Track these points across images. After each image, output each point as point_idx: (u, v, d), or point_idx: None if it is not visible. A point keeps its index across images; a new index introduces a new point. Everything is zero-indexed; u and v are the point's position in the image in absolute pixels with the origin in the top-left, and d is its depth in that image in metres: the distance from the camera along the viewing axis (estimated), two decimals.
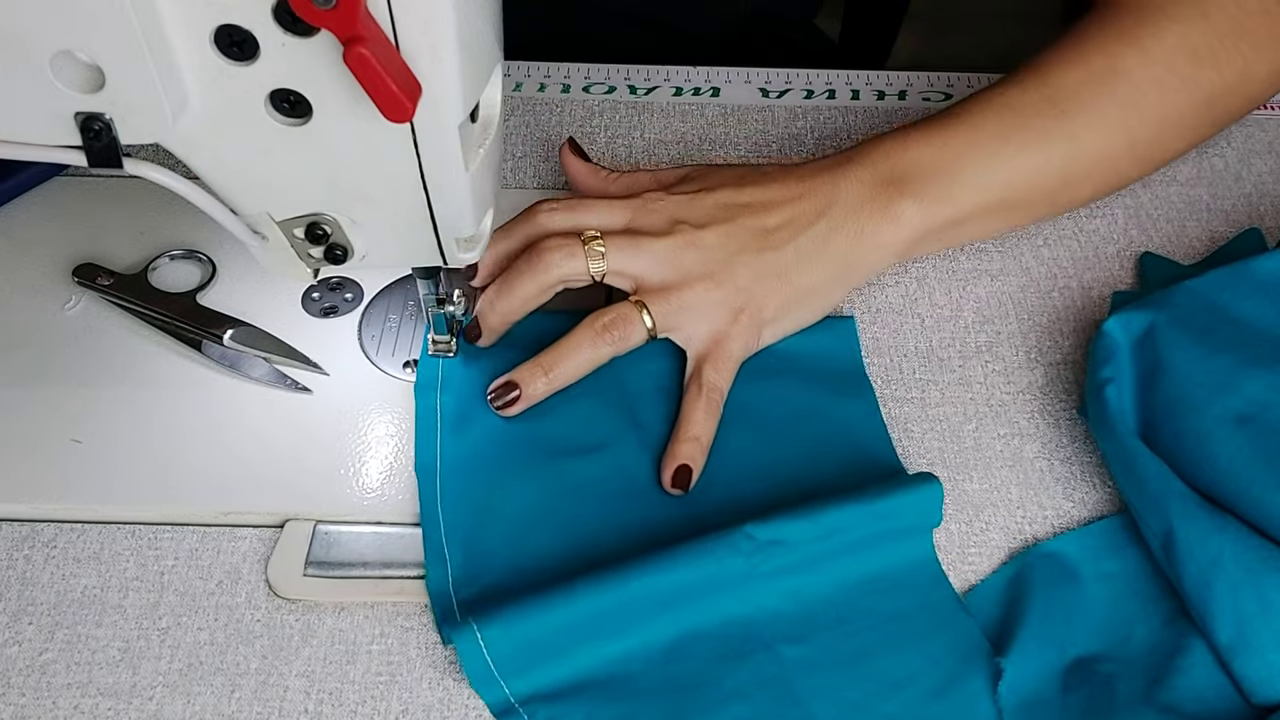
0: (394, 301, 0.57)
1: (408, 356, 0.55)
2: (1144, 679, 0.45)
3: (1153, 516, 0.47)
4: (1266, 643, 0.43)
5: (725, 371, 0.52)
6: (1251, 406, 0.47)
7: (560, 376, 0.51)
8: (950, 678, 0.45)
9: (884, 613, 0.46)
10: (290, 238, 0.44)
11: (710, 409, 0.51)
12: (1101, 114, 0.55)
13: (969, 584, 0.48)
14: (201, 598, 0.47)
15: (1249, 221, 0.64)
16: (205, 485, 0.50)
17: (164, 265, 0.59)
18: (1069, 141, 0.55)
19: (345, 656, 0.46)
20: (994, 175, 0.54)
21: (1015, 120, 0.55)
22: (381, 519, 0.49)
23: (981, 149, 0.54)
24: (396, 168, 0.41)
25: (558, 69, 0.72)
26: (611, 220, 0.54)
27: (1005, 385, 0.56)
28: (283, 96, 0.38)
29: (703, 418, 0.51)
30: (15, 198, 0.62)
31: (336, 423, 0.52)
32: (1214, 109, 0.58)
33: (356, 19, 0.34)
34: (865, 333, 0.58)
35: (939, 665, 0.45)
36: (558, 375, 0.51)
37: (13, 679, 0.45)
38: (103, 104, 0.36)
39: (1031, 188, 0.56)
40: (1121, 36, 0.56)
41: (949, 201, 0.54)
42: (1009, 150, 0.54)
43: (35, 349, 0.55)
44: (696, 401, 0.51)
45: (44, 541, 0.49)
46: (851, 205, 0.53)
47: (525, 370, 0.51)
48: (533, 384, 0.51)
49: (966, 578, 0.48)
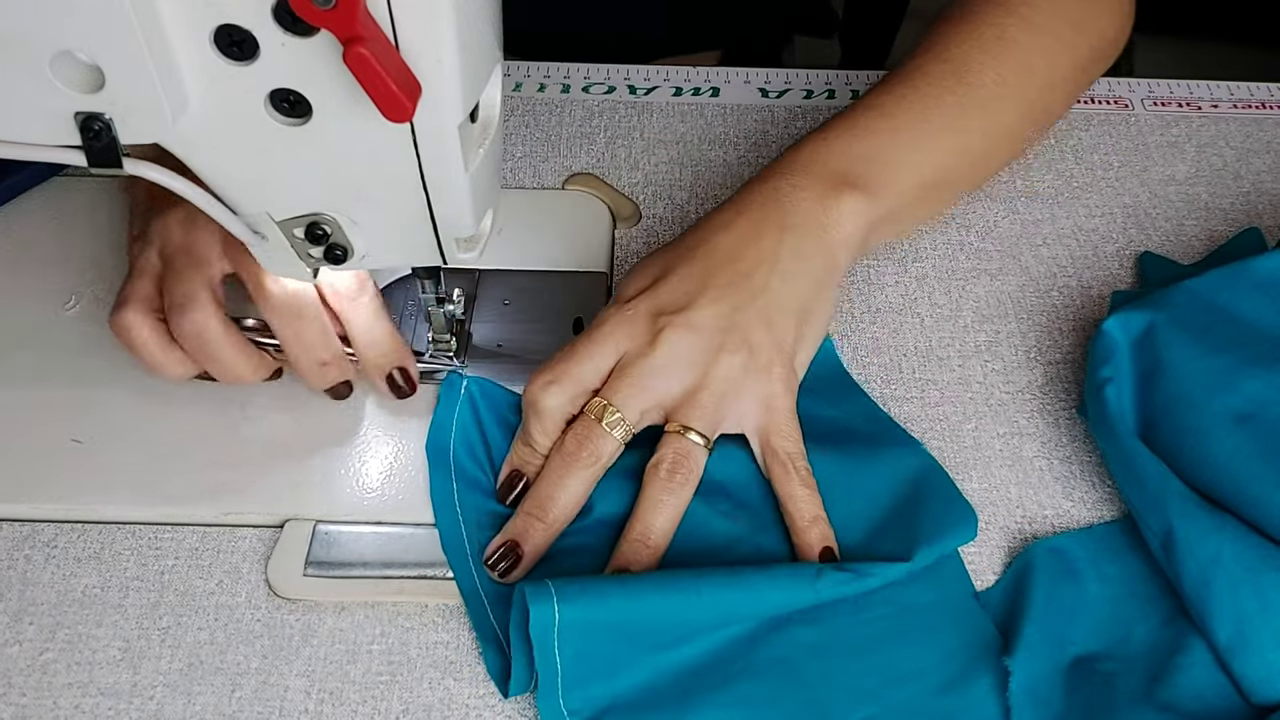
0: (394, 301, 0.57)
1: None
2: (1144, 678, 0.45)
3: (1152, 516, 0.47)
4: (1266, 642, 0.43)
5: (792, 432, 0.50)
6: (1250, 405, 0.48)
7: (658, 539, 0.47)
8: (961, 673, 0.45)
9: (902, 603, 0.46)
10: (290, 238, 0.44)
11: (805, 479, 0.49)
12: (1002, 81, 0.57)
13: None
14: (201, 598, 0.47)
15: (1248, 220, 0.64)
16: (205, 485, 0.50)
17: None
18: (981, 111, 0.57)
19: (345, 656, 0.46)
20: (924, 154, 0.55)
21: (930, 99, 0.56)
22: (381, 519, 0.49)
23: (905, 132, 0.55)
24: (396, 168, 0.41)
25: (558, 69, 0.72)
26: (603, 361, 0.49)
27: (1005, 384, 0.56)
28: (282, 96, 0.38)
29: (806, 493, 0.48)
30: (15, 197, 0.62)
31: (337, 423, 0.52)
32: (1087, 73, 0.63)
33: (356, 19, 0.34)
34: (865, 333, 0.58)
35: (951, 660, 0.45)
36: (656, 541, 0.47)
37: (13, 679, 0.45)
38: (102, 104, 0.36)
39: (958, 163, 0.57)
40: (1003, 6, 0.59)
41: (890, 186, 0.54)
42: (931, 128, 0.56)
43: (35, 349, 0.55)
44: (789, 479, 0.48)
45: (44, 541, 0.49)
46: (805, 214, 0.52)
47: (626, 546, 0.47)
48: (637, 559, 0.47)
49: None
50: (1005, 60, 0.57)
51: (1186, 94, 0.72)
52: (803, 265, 0.51)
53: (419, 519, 0.49)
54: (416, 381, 0.51)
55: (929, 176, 0.56)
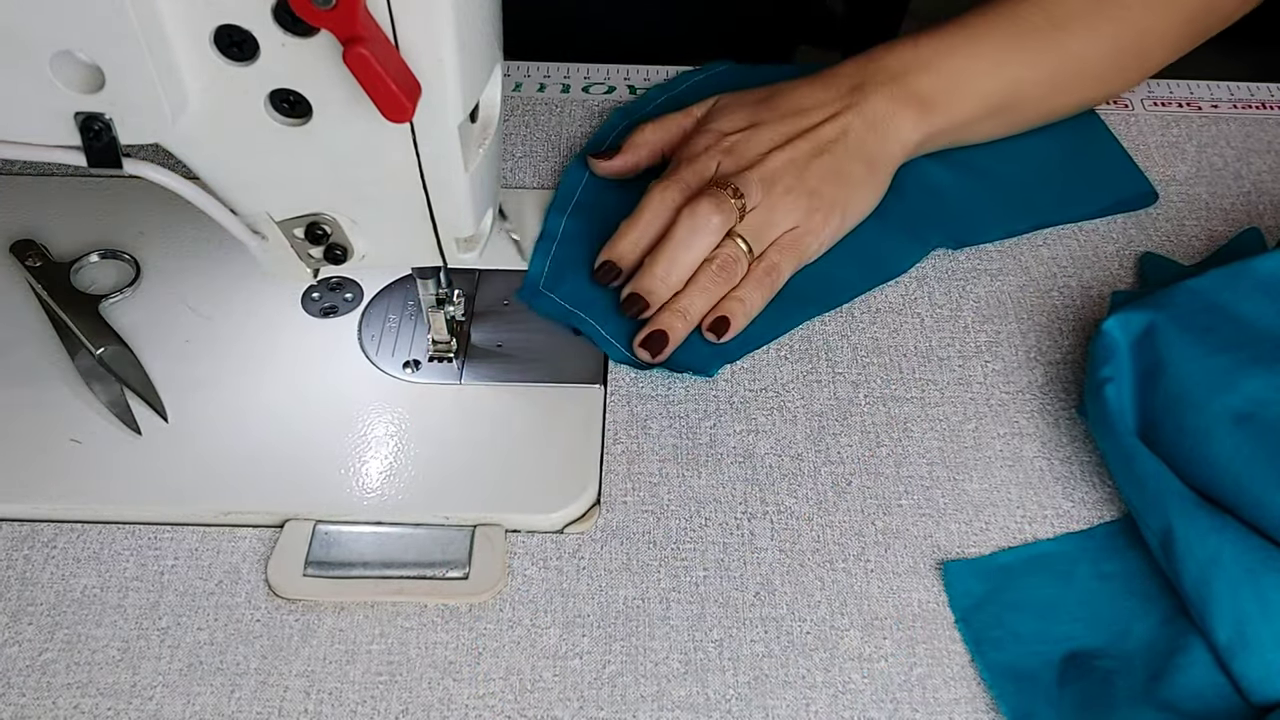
0: (394, 301, 0.57)
1: (408, 356, 0.55)
2: (1143, 676, 0.45)
3: (1152, 516, 0.47)
4: (1265, 642, 0.43)
5: (790, 258, 0.57)
6: (1251, 405, 0.48)
7: (695, 316, 0.56)
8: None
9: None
10: (290, 238, 0.44)
11: (761, 281, 0.56)
12: (1092, 28, 0.62)
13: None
14: (201, 598, 0.47)
15: (1248, 220, 0.64)
16: (205, 485, 0.50)
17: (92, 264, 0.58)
18: (1060, 52, 0.62)
19: (345, 656, 0.46)
20: (992, 83, 0.61)
21: (1013, 31, 0.61)
22: (381, 519, 0.49)
23: (982, 59, 0.61)
24: (396, 168, 0.41)
25: (558, 69, 0.72)
26: (711, 169, 0.59)
27: (1005, 385, 0.56)
28: (283, 96, 0.38)
29: (753, 285, 0.56)
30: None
31: (336, 423, 0.52)
32: (1194, 25, 0.64)
33: (356, 19, 0.34)
34: (865, 332, 0.58)
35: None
36: (693, 316, 0.55)
37: (13, 679, 0.45)
38: (102, 104, 0.36)
39: (1025, 94, 0.62)
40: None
41: (953, 107, 0.61)
42: (1006, 58, 0.61)
43: (35, 348, 0.55)
44: (754, 271, 0.56)
45: (44, 541, 0.49)
46: (878, 111, 0.60)
47: (667, 320, 0.55)
48: (675, 330, 0.55)
49: None
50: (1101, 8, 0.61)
51: (1186, 94, 0.72)
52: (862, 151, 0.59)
53: (419, 519, 0.49)
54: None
55: (993, 103, 0.62)
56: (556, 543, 0.50)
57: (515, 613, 0.47)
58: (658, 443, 0.53)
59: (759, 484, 0.52)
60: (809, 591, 0.48)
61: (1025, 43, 0.61)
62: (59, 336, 0.55)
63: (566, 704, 0.45)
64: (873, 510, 0.51)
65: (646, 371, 0.56)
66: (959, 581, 0.48)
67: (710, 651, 0.46)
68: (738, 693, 0.45)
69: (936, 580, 0.48)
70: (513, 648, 0.46)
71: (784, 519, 0.50)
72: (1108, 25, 0.62)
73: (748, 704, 0.45)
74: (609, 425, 0.53)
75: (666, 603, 0.48)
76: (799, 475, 0.52)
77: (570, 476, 0.51)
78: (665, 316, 0.55)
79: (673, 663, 0.46)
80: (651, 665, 0.46)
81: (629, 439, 0.53)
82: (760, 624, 0.47)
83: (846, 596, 0.48)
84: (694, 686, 0.45)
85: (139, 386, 0.53)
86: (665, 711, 0.44)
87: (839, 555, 0.49)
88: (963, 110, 0.61)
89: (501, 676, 0.45)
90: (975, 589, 0.48)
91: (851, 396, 0.55)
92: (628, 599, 0.48)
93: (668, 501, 0.51)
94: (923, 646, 0.47)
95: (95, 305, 0.56)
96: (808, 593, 0.48)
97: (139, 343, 0.55)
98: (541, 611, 0.47)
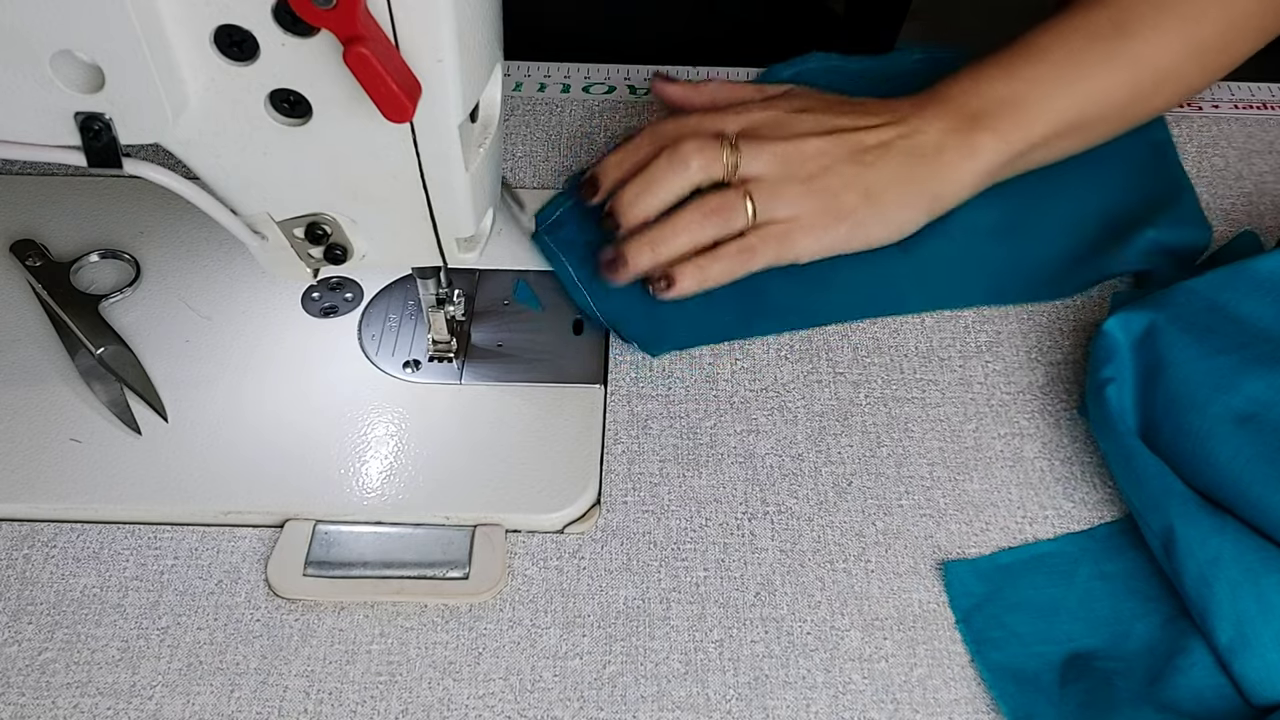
0: (394, 301, 0.57)
1: (408, 356, 0.55)
2: (1143, 677, 0.45)
3: (1153, 516, 0.47)
4: (1266, 643, 0.43)
5: (771, 247, 0.55)
6: (1252, 406, 0.48)
7: (665, 252, 0.55)
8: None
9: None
10: (290, 238, 0.44)
11: (740, 253, 0.55)
12: (1162, 31, 0.58)
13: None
14: (201, 597, 0.47)
15: (1249, 221, 0.64)
16: (205, 485, 0.50)
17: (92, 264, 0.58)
18: (1133, 61, 0.58)
19: (345, 656, 0.46)
20: (1064, 101, 0.58)
21: (1081, 45, 0.58)
22: (381, 519, 0.49)
23: (1051, 77, 0.58)
24: (396, 168, 0.41)
25: (558, 69, 0.72)
26: (730, 126, 0.57)
27: (1005, 385, 0.56)
28: (282, 96, 0.38)
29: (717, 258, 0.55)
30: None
31: (336, 423, 0.52)
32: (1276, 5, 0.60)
33: (356, 19, 0.34)
34: (865, 332, 0.58)
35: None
36: (663, 251, 0.55)
37: (12, 678, 0.45)
38: (102, 104, 0.36)
39: (1101, 108, 0.59)
40: None
41: (1024, 130, 0.58)
42: (1077, 75, 0.58)
43: (35, 348, 0.55)
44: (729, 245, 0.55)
45: (44, 541, 0.49)
46: (935, 140, 0.57)
47: (634, 245, 0.55)
48: (639, 257, 0.55)
49: None
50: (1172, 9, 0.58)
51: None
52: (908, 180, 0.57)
53: (419, 519, 0.49)
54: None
55: (1067, 120, 0.58)
56: (557, 543, 0.49)
57: (515, 613, 0.47)
58: (658, 443, 0.53)
59: (759, 484, 0.52)
60: (809, 592, 0.48)
61: (1094, 57, 0.58)
62: (59, 336, 0.55)
63: (566, 704, 0.45)
64: (873, 510, 0.51)
65: (647, 371, 0.56)
66: (959, 582, 0.48)
67: (710, 652, 0.46)
68: (738, 693, 0.45)
69: (937, 580, 0.48)
70: (513, 648, 0.46)
71: (784, 519, 0.50)
72: (1179, 25, 0.58)
73: (748, 704, 0.45)
74: (609, 425, 0.53)
75: (667, 603, 0.48)
76: (799, 475, 0.52)
77: (570, 476, 0.51)
78: (633, 244, 0.55)
79: (673, 663, 0.46)
80: (652, 665, 0.46)
81: (629, 439, 0.53)
82: (760, 624, 0.47)
83: (847, 597, 0.48)
84: (694, 687, 0.45)
85: (139, 386, 0.53)
86: (665, 712, 0.45)
87: (839, 555, 0.49)
88: (1033, 132, 0.58)
89: (501, 676, 0.45)
90: (976, 589, 0.48)
91: (852, 397, 0.55)
92: (628, 599, 0.48)
93: (668, 501, 0.51)
94: (923, 647, 0.47)
95: (95, 305, 0.56)
96: (808, 593, 0.48)
97: (139, 343, 0.55)
98: (541, 611, 0.47)
